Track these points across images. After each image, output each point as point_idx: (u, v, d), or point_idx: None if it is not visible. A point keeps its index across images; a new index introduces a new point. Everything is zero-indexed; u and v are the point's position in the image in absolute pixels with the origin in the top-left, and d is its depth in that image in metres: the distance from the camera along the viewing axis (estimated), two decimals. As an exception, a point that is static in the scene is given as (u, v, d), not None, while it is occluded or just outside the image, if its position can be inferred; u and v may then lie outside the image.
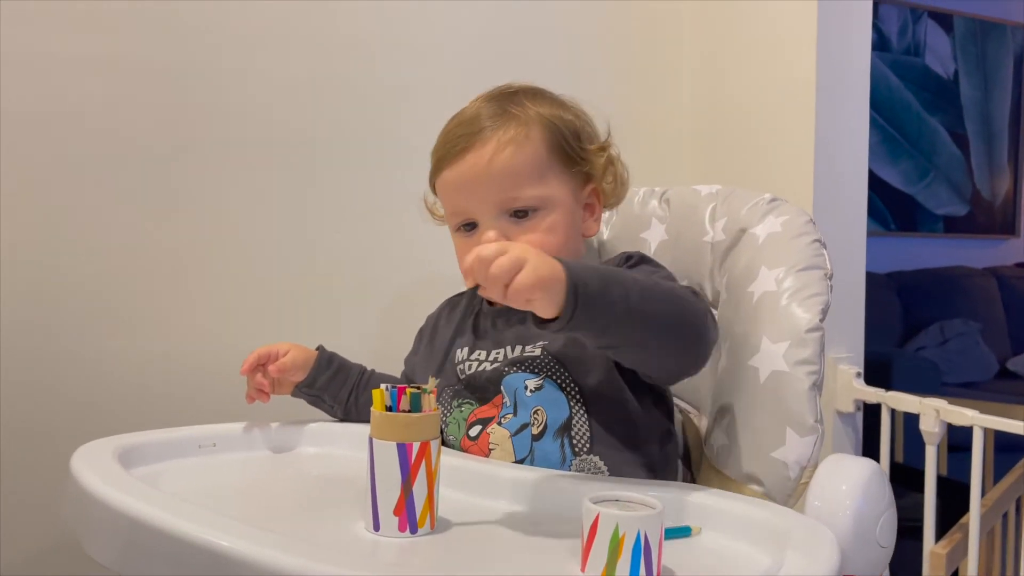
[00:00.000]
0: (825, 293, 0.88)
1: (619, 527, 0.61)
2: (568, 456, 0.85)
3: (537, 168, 0.89)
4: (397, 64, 1.42)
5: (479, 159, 0.89)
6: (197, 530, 0.62)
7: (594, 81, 1.58)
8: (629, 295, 0.72)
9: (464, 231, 0.93)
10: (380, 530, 0.70)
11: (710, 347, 0.81)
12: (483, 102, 0.93)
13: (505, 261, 0.66)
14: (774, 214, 0.96)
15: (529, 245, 0.76)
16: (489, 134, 0.89)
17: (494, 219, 0.89)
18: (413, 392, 0.72)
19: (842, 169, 1.45)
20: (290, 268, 1.36)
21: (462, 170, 0.90)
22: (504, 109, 0.91)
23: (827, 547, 0.63)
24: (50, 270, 1.22)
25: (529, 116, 0.90)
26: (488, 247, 0.68)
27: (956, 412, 1.27)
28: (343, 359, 1.04)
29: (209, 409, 1.15)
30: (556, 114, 0.92)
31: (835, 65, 1.42)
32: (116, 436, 0.86)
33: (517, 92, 0.94)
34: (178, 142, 1.29)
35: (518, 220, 0.90)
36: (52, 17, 1.21)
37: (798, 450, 0.81)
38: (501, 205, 0.89)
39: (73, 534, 0.75)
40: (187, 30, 1.29)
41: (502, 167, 0.88)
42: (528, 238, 0.88)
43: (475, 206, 0.90)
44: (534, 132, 0.90)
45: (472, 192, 0.90)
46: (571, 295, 0.68)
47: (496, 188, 0.89)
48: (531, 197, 0.89)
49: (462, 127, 0.91)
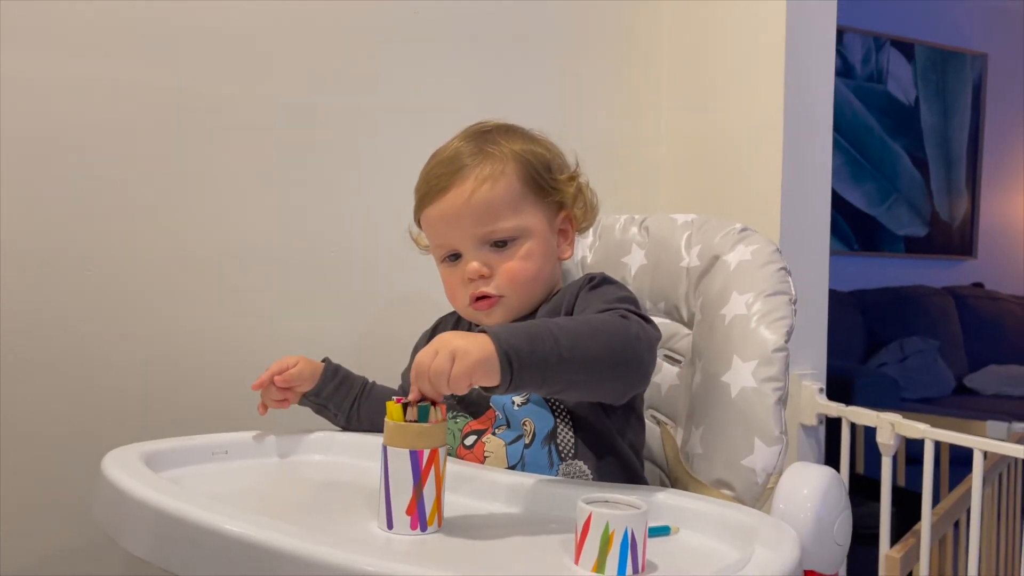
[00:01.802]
0: (790, 317, 0.97)
1: (609, 525, 0.69)
2: (555, 461, 0.93)
3: (512, 201, 0.98)
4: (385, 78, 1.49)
5: (459, 196, 0.97)
6: (229, 523, 0.69)
7: (577, 116, 1.66)
8: (559, 345, 0.78)
9: (449, 261, 1.02)
10: (393, 528, 0.77)
11: (646, 365, 0.88)
12: (461, 141, 1.02)
13: (439, 362, 0.75)
14: (744, 243, 1.05)
15: (511, 276, 0.95)
16: (467, 172, 0.97)
17: (476, 250, 0.98)
18: (422, 406, 0.79)
19: (807, 196, 1.55)
20: (291, 277, 1.42)
21: (444, 207, 0.98)
22: (480, 148, 0.99)
23: (790, 543, 0.72)
24: (52, 273, 1.26)
25: (503, 153, 0.99)
26: (423, 355, 0.76)
27: (909, 426, 1.37)
28: (347, 371, 1.11)
29: (213, 414, 1.21)
30: (528, 149, 1.01)
31: (801, 101, 1.52)
32: (139, 443, 0.93)
33: (491, 130, 1.02)
34: (191, 143, 1.34)
35: (498, 249, 0.99)
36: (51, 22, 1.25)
37: (765, 458, 0.90)
38: (482, 237, 0.98)
39: (105, 532, 0.81)
40: (185, 32, 1.33)
41: (480, 202, 0.97)
42: (507, 265, 0.98)
43: (458, 239, 0.99)
44: (508, 168, 0.98)
45: (454, 226, 0.98)
46: (505, 363, 0.75)
47: (476, 222, 0.97)
48: (508, 228, 0.98)
49: (442, 166, 0.99)
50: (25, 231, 1.24)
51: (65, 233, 1.27)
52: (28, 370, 1.25)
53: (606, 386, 0.87)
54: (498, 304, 1.00)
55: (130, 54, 1.30)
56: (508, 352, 0.76)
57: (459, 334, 0.77)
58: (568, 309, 0.98)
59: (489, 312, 1.00)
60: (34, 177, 1.25)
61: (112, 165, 1.29)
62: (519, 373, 0.76)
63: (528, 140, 1.03)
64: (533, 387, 0.80)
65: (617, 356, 0.84)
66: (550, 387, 0.82)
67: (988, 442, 1.30)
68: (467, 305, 1.01)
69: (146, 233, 1.31)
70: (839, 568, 0.89)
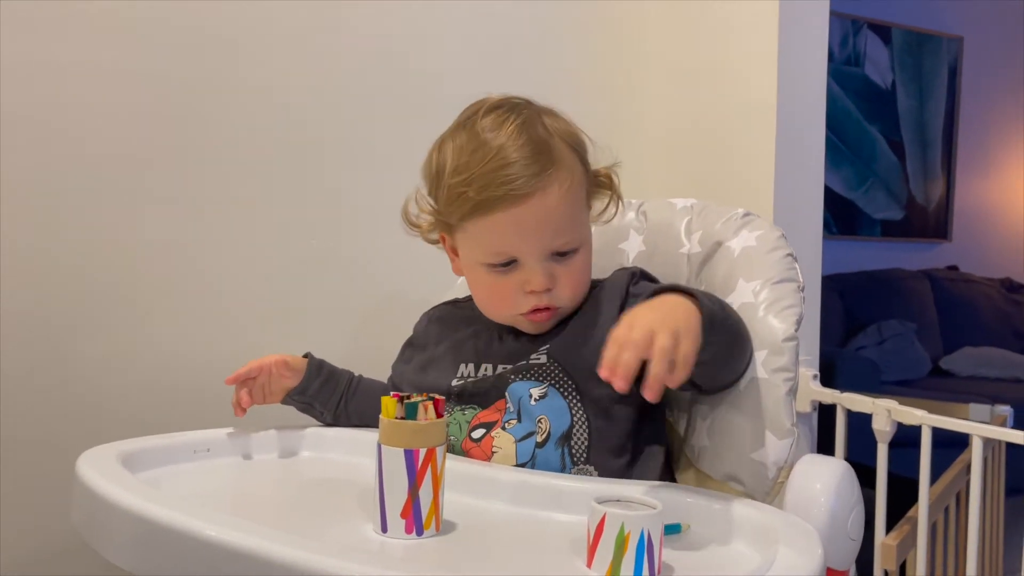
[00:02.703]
0: (799, 305, 0.94)
1: (624, 526, 0.65)
2: (568, 465, 0.89)
3: (580, 213, 0.94)
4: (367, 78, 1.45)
5: (542, 206, 0.89)
6: (211, 528, 0.64)
7: (568, 100, 1.61)
8: (726, 312, 0.83)
9: (500, 268, 0.92)
10: (388, 532, 0.73)
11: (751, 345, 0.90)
12: (516, 137, 0.90)
13: (660, 341, 0.68)
14: (748, 228, 1.02)
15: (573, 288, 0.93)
16: (549, 180, 0.89)
17: (542, 260, 0.92)
18: (408, 403, 0.75)
19: (800, 181, 1.53)
20: (275, 276, 1.39)
21: (524, 215, 0.88)
22: (548, 145, 0.91)
23: (813, 543, 0.68)
24: (47, 273, 1.23)
25: (571, 158, 0.93)
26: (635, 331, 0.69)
27: (906, 412, 1.35)
28: (332, 366, 1.06)
29: (200, 411, 1.16)
30: (584, 156, 0.96)
31: (793, 86, 1.50)
32: (117, 442, 0.87)
33: (546, 127, 0.93)
34: (177, 149, 1.31)
35: (559, 259, 0.93)
36: (51, 23, 1.22)
37: (776, 451, 0.87)
38: (554, 249, 0.92)
39: (82, 537, 0.76)
40: (185, 37, 1.30)
41: (563, 215, 0.90)
42: (570, 278, 0.93)
43: (526, 249, 0.91)
44: (577, 176, 0.93)
45: (529, 236, 0.90)
46: (706, 327, 0.74)
47: (555, 234, 0.91)
48: (575, 240, 0.93)
49: (503, 171, 0.88)
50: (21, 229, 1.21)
51: (55, 233, 1.24)
52: (25, 370, 1.22)
53: (727, 368, 0.88)
54: (555, 314, 0.95)
55: (132, 59, 1.27)
56: (709, 317, 0.75)
57: (655, 308, 0.73)
58: (620, 304, 0.94)
59: (546, 323, 0.96)
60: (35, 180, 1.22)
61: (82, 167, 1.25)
62: (708, 334, 0.74)
63: (580, 140, 0.96)
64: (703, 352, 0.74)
65: (744, 345, 0.88)
66: (705, 353, 0.74)
67: (986, 428, 1.29)
68: (519, 314, 0.95)
69: (125, 236, 1.28)
70: (851, 564, 0.86)
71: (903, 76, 4.14)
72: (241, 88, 1.35)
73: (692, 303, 0.75)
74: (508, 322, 0.98)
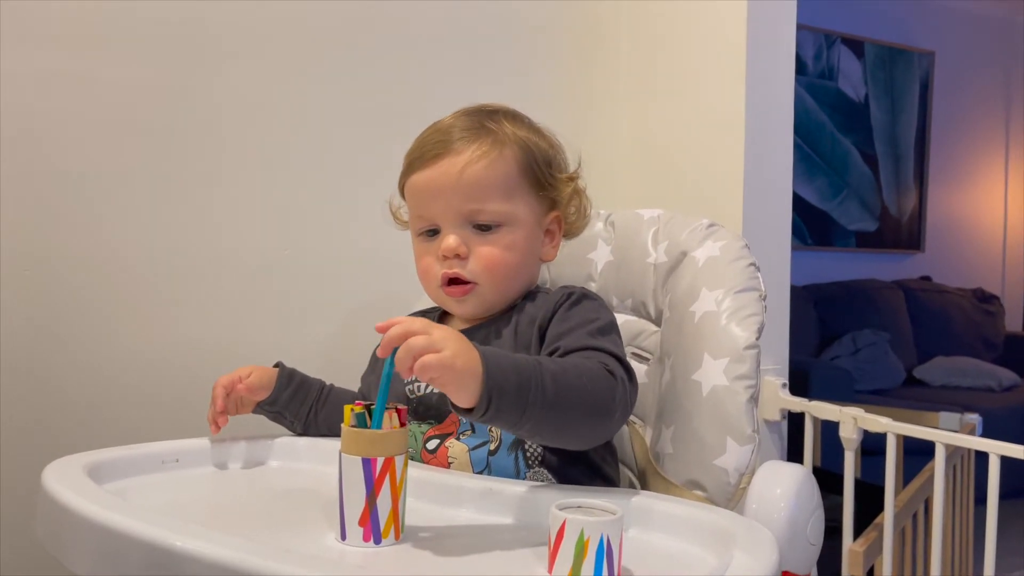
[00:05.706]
0: (760, 313, 0.96)
1: (584, 531, 0.66)
2: (522, 469, 0.90)
3: (506, 185, 0.93)
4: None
5: (451, 167, 0.92)
6: (175, 538, 0.64)
7: (537, 112, 1.63)
8: (545, 394, 0.74)
9: (426, 236, 0.96)
10: (347, 539, 0.73)
11: (617, 427, 0.85)
12: (462, 115, 0.96)
13: (425, 340, 0.69)
14: (712, 239, 1.04)
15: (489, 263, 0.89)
16: (463, 145, 0.92)
17: (457, 227, 0.93)
18: (358, 412, 0.75)
19: (768, 192, 1.55)
20: (254, 283, 1.40)
21: (433, 175, 0.93)
22: (482, 124, 0.94)
23: (768, 547, 0.70)
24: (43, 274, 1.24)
25: (506, 134, 0.94)
26: (416, 322, 0.71)
27: (872, 420, 1.37)
28: (303, 375, 1.06)
29: (180, 420, 1.17)
30: (531, 138, 0.97)
31: (762, 98, 1.52)
32: (84, 453, 0.87)
33: (497, 111, 0.98)
34: (164, 156, 1.32)
35: (480, 232, 0.93)
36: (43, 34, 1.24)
37: (737, 458, 0.88)
38: (466, 215, 0.93)
39: (47, 549, 0.76)
40: (178, 42, 1.32)
41: (472, 178, 0.91)
42: (487, 251, 0.93)
43: (440, 212, 0.93)
44: (508, 151, 0.93)
45: (439, 198, 0.93)
46: (486, 396, 0.71)
47: (464, 198, 0.92)
48: (496, 212, 0.93)
49: (438, 134, 0.94)
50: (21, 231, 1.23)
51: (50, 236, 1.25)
52: (24, 370, 1.23)
53: (569, 438, 0.83)
54: (472, 293, 0.95)
55: (123, 65, 1.29)
56: (492, 389, 0.71)
57: (462, 338, 0.72)
58: (543, 323, 0.92)
59: (462, 300, 0.95)
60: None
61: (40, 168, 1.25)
62: (495, 410, 0.72)
63: (533, 130, 0.99)
64: (505, 426, 0.76)
65: (594, 419, 0.80)
66: (520, 430, 0.77)
67: (949, 435, 1.31)
68: (439, 286, 0.96)
69: (98, 244, 1.28)
70: (812, 568, 0.88)
71: (876, 90, 4.19)
72: (230, 94, 1.36)
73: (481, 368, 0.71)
74: (439, 302, 0.99)
